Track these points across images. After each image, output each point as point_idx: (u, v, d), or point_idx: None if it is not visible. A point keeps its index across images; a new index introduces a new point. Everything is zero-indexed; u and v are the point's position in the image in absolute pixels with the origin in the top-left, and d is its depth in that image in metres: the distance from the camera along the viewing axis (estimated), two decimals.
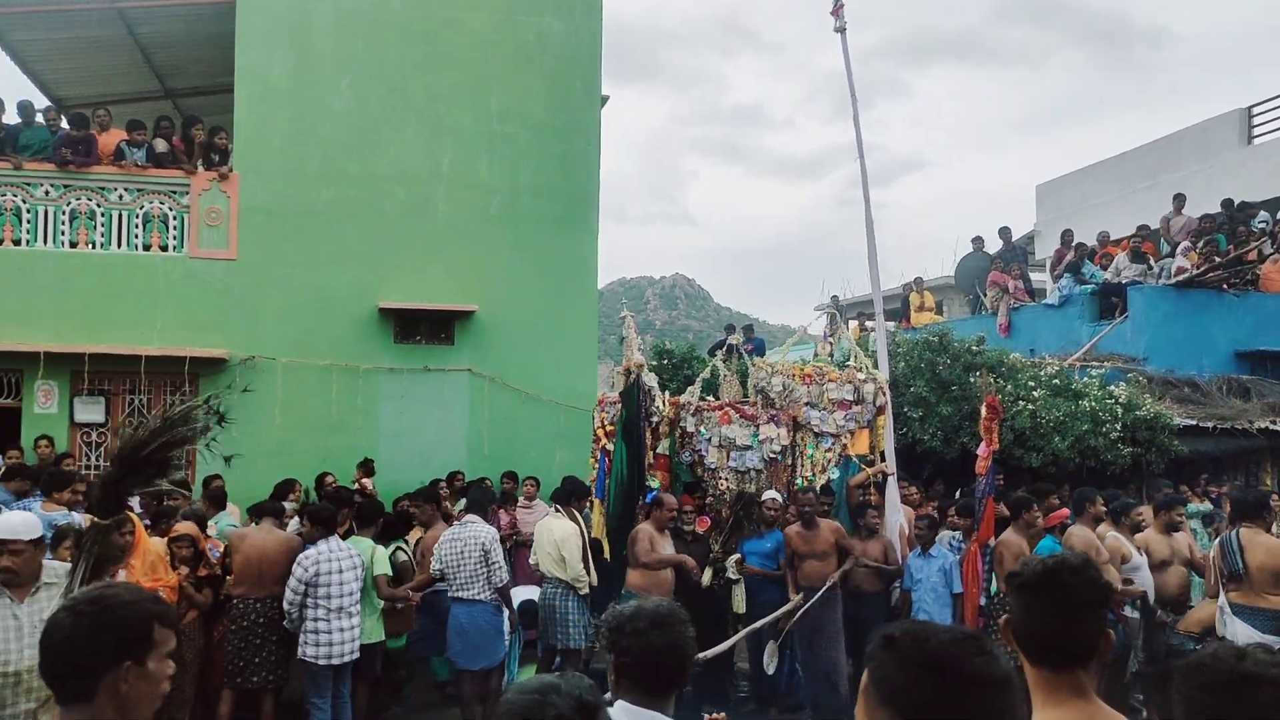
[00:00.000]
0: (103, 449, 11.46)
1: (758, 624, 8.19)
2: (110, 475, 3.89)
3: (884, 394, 9.12)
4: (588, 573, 8.30)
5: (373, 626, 7.73)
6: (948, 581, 8.28)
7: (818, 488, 8.82)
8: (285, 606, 7.12)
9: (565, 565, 8.22)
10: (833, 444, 9.01)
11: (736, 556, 8.50)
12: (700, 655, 7.49)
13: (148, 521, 7.71)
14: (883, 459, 9.16)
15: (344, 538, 7.68)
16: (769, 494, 8.65)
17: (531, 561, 8.59)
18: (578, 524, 8.46)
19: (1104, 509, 8.09)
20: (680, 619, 2.63)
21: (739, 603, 8.46)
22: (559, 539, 8.25)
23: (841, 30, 9.66)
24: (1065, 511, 8.85)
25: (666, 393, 9.29)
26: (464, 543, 7.81)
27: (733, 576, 8.43)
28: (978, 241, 18.19)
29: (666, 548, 8.06)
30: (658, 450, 8.84)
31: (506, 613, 8.06)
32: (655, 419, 8.72)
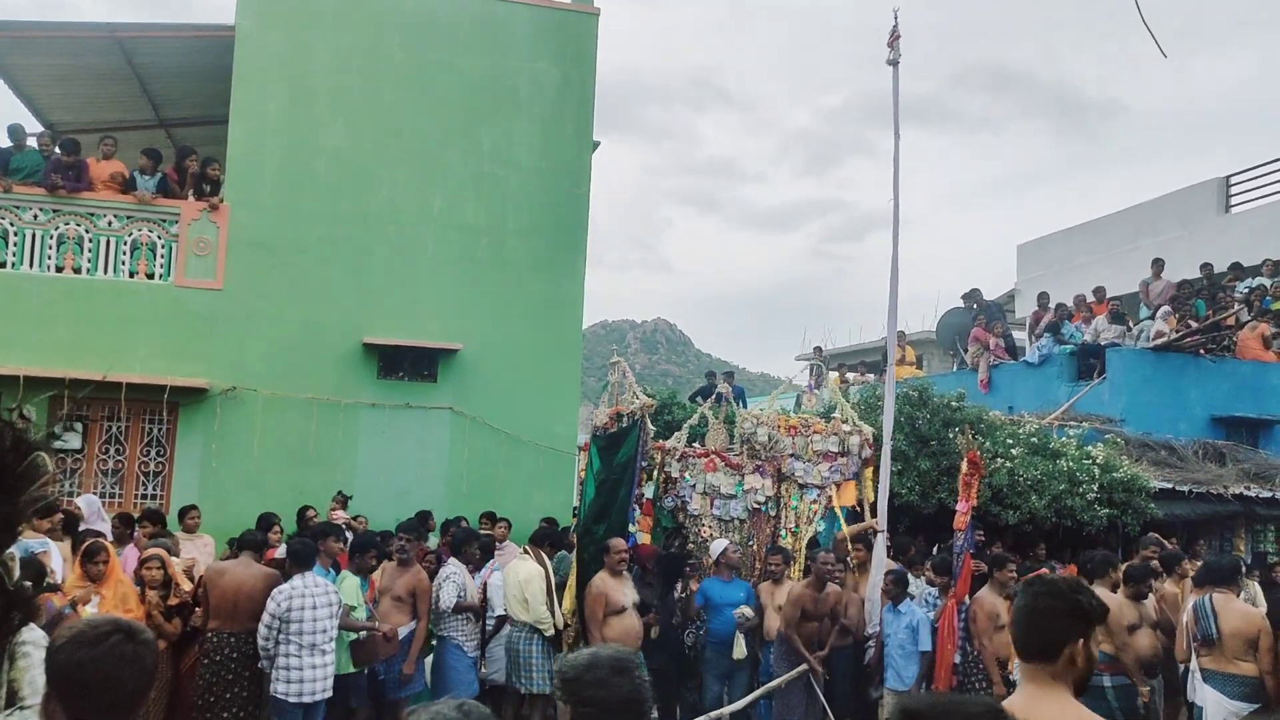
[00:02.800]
0: (78, 475, 11.37)
1: (778, 680, 7.94)
2: None
3: (870, 446, 9.05)
4: (552, 615, 8.26)
5: (343, 658, 7.70)
6: (915, 638, 8.10)
7: (805, 541, 8.79)
8: (260, 642, 7.02)
9: (528, 607, 8.20)
10: (818, 496, 8.98)
11: (745, 609, 8.34)
12: (723, 710, 7.46)
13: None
14: (872, 513, 9.07)
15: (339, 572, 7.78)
16: (722, 542, 8.61)
17: (502, 606, 8.56)
18: (544, 566, 8.42)
19: (1120, 576, 8.11)
20: (639, 664, 2.58)
21: (739, 649, 8.34)
22: (522, 580, 8.24)
23: (894, 63, 9.24)
24: (1044, 573, 8.85)
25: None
26: (436, 580, 8.23)
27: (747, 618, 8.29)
28: (968, 298, 18.29)
29: (626, 593, 7.87)
30: (644, 496, 8.81)
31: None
32: (645, 464, 8.70)
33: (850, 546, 8.91)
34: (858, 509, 9.16)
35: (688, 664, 8.55)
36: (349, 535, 9.02)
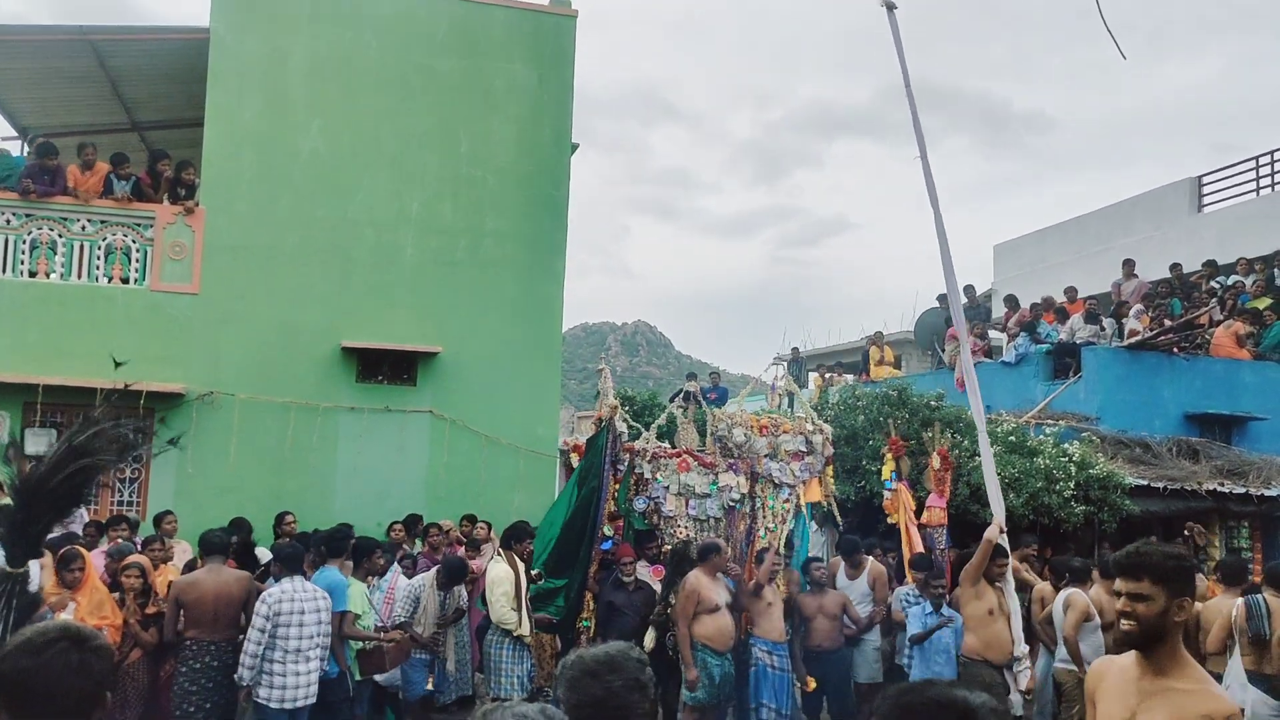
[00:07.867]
0: None
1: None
2: (18, 516, 3.54)
3: (830, 444, 9.32)
4: (520, 618, 8.17)
5: (351, 668, 7.68)
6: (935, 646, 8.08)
7: (782, 540, 8.84)
8: (251, 648, 6.79)
9: (494, 608, 8.16)
10: (789, 494, 9.07)
11: None
12: None
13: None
14: (841, 512, 9.21)
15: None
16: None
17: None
18: (514, 568, 8.38)
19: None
20: (629, 662, 2.49)
21: None
22: (491, 581, 8.23)
23: (891, 7, 8.06)
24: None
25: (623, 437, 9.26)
26: None
27: None
28: (943, 299, 18.42)
29: (721, 593, 7.90)
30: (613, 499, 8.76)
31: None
32: (622, 466, 8.67)
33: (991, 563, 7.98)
34: (825, 505, 9.37)
35: (671, 664, 8.56)
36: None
